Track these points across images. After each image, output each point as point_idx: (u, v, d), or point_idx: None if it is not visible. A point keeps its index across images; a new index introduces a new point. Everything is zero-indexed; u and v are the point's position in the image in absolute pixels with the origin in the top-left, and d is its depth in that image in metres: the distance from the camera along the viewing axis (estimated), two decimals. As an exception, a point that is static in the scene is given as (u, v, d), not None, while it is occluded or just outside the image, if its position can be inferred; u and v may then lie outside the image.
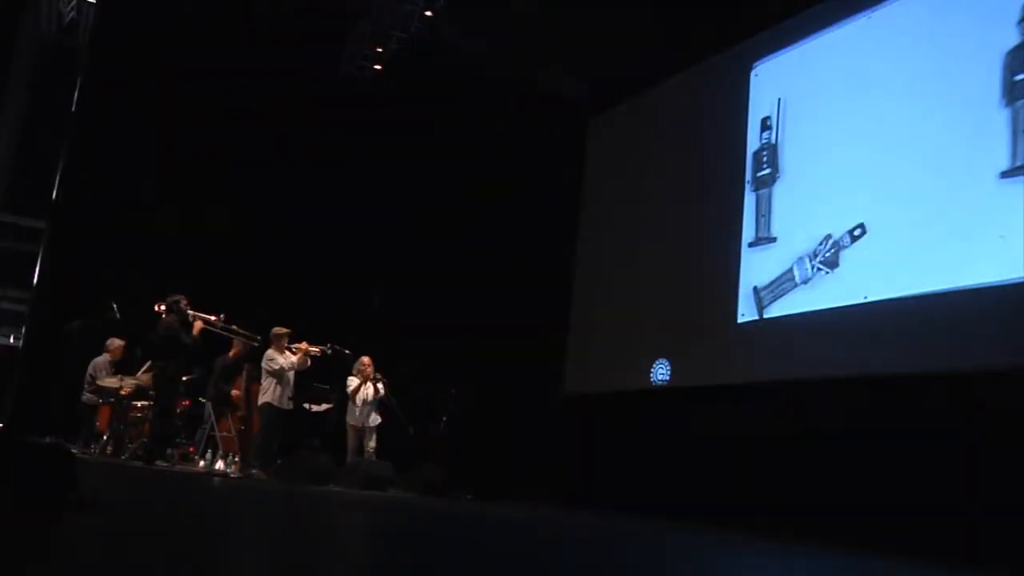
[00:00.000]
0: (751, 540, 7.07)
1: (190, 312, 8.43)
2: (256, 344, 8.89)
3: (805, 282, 8.34)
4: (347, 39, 11.27)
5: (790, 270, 8.54)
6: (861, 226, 7.90)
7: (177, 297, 8.43)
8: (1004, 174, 6.86)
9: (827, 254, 8.14)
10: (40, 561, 2.27)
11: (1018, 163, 6.81)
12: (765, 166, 9.20)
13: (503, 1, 10.87)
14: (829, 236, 8.17)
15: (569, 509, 9.67)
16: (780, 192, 8.98)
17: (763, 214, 9.12)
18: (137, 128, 10.29)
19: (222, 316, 8.68)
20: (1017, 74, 6.94)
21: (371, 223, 11.25)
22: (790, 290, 8.52)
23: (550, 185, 12.03)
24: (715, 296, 9.43)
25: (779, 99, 9.19)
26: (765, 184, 9.16)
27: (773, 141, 9.17)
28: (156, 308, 8.41)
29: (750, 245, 9.17)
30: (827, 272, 8.15)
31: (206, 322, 8.49)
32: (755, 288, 8.91)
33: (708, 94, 10.34)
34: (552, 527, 6.55)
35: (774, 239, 8.91)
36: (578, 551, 4.64)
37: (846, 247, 8.02)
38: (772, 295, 8.69)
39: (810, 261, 8.34)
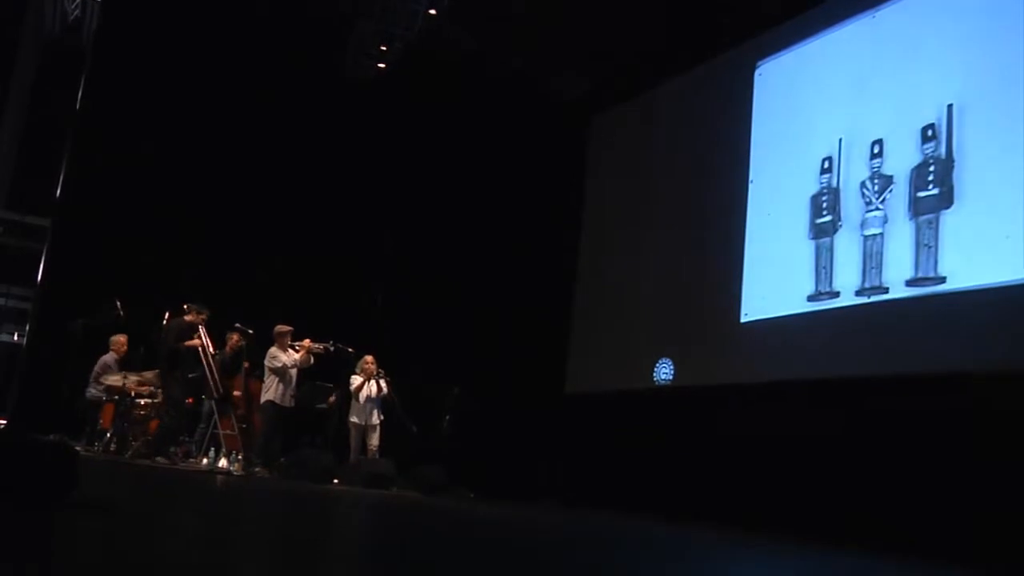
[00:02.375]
0: (754, 539, 7.06)
1: (197, 335, 8.47)
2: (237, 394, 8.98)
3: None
4: (350, 38, 11.26)
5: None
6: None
7: (194, 306, 8.56)
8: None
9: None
10: (41, 559, 2.28)
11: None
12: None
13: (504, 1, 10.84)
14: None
15: (571, 508, 9.66)
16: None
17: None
18: (140, 126, 10.30)
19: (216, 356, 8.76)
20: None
21: (372, 222, 11.24)
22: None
23: (551, 184, 12.01)
24: (718, 295, 9.41)
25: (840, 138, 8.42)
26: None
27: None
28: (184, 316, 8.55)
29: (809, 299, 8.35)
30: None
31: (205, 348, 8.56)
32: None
33: (711, 92, 10.31)
34: (554, 526, 6.55)
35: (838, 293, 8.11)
36: (579, 550, 4.64)
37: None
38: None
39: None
